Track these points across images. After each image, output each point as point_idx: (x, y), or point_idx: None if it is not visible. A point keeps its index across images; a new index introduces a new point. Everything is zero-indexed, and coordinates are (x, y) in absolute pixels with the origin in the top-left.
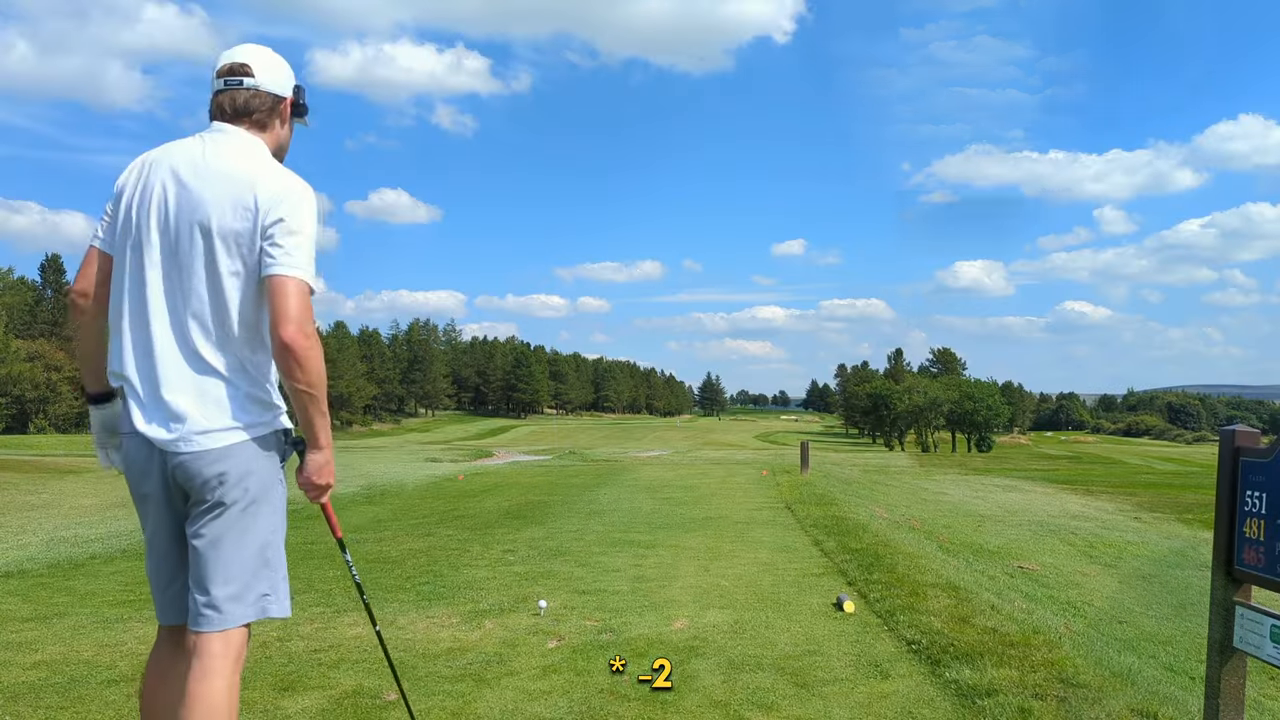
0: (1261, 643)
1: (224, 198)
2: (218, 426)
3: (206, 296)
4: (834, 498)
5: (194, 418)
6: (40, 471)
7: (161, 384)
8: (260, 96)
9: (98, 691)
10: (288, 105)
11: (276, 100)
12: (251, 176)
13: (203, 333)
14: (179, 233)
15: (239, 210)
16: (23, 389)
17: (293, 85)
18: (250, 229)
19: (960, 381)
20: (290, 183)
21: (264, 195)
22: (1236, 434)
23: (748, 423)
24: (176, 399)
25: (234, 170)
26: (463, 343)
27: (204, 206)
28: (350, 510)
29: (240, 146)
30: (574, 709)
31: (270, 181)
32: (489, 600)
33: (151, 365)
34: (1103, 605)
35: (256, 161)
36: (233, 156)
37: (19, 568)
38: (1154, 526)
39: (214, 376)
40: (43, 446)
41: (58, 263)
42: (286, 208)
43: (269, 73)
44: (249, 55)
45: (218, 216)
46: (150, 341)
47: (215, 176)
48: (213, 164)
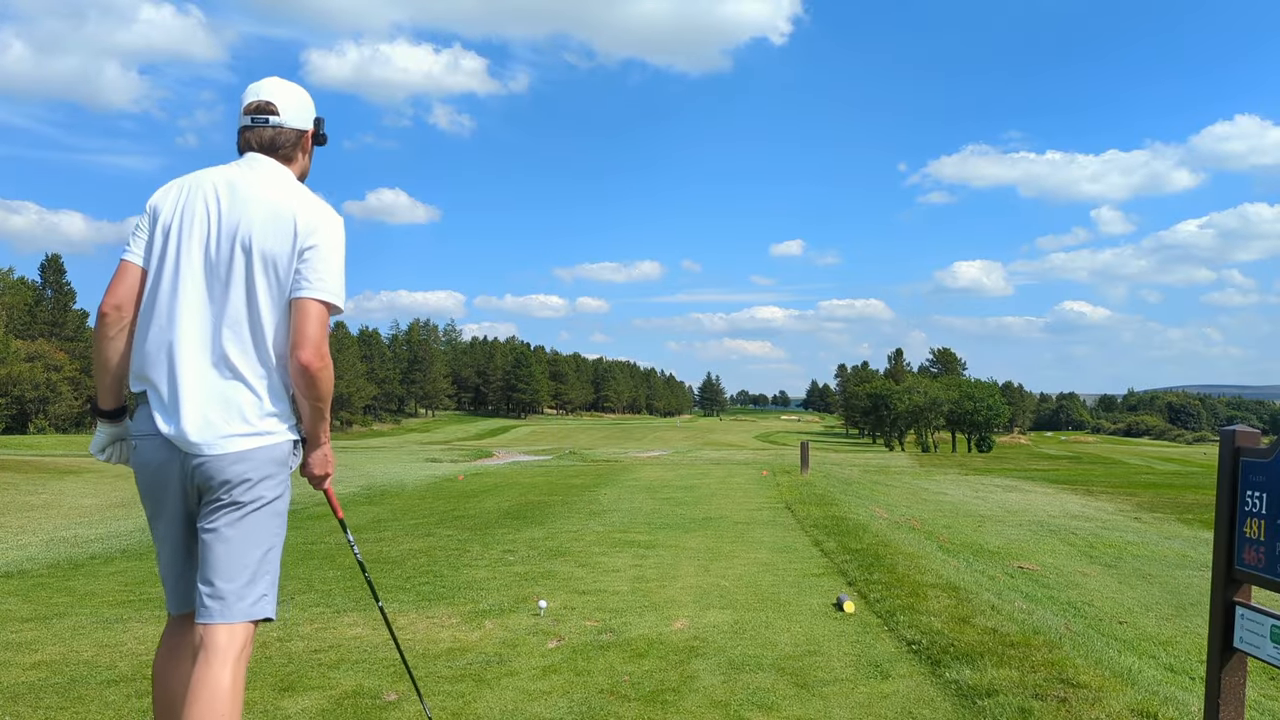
0: (1261, 643)
1: (265, 221)
2: (240, 432)
3: (243, 311)
4: (834, 498)
5: (218, 423)
6: (40, 471)
7: (189, 389)
8: (285, 133)
9: (98, 691)
10: (309, 137)
11: (300, 134)
12: (291, 204)
13: (235, 344)
14: (220, 250)
15: (279, 234)
16: (23, 389)
17: (313, 118)
18: (289, 252)
19: (960, 381)
20: (326, 213)
21: (302, 222)
22: (1237, 434)
23: (748, 423)
24: (203, 404)
25: (273, 198)
26: (463, 343)
27: (247, 228)
28: (350, 510)
29: (275, 176)
30: (574, 709)
31: (309, 210)
32: (489, 600)
33: (179, 372)
34: (1103, 605)
35: (293, 190)
36: (270, 185)
37: (19, 568)
38: (1154, 526)
39: (241, 385)
40: (43, 446)
41: (58, 263)
42: (321, 235)
43: (292, 110)
44: (273, 94)
45: (259, 238)
46: (180, 349)
47: (256, 202)
48: (254, 190)
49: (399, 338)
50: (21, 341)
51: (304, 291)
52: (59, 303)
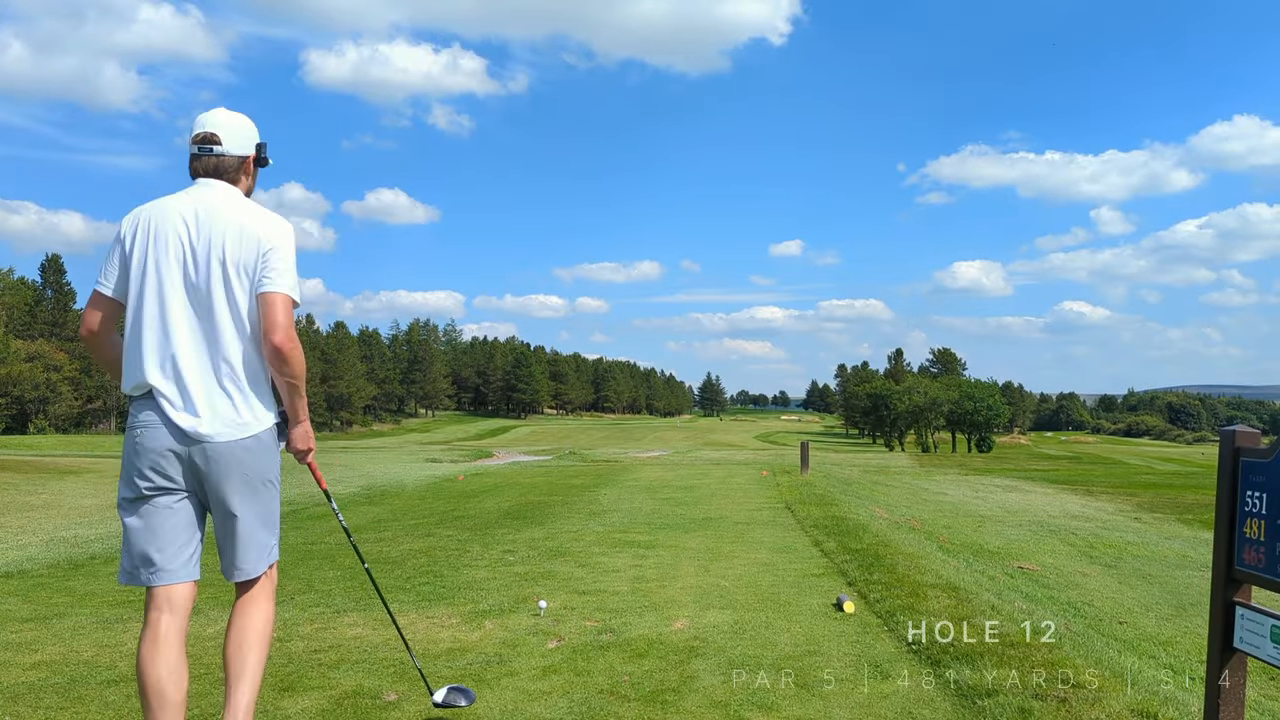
0: (1261, 643)
1: (234, 236)
2: (240, 421)
3: (226, 316)
4: (834, 498)
5: (224, 416)
6: (40, 471)
7: (196, 391)
8: (228, 160)
9: (98, 691)
10: (251, 161)
11: (242, 160)
12: (251, 219)
13: (223, 343)
14: (199, 267)
15: (246, 245)
16: (23, 389)
17: (254, 144)
18: (254, 258)
19: (960, 381)
20: (279, 222)
21: (263, 233)
22: (1237, 434)
23: (748, 423)
24: (203, 399)
25: (236, 216)
26: (463, 343)
27: (220, 243)
28: (350, 510)
29: (230, 197)
30: (574, 709)
31: (265, 222)
32: (489, 601)
33: (180, 374)
34: (1103, 605)
35: (248, 207)
36: (230, 206)
37: (19, 568)
38: (1154, 527)
39: (234, 382)
40: (43, 446)
41: (58, 263)
42: (277, 240)
43: (234, 139)
44: (217, 124)
45: (231, 250)
46: (177, 355)
47: (223, 221)
48: (219, 211)
49: (399, 338)
50: (21, 341)
51: (268, 286)
52: (59, 303)
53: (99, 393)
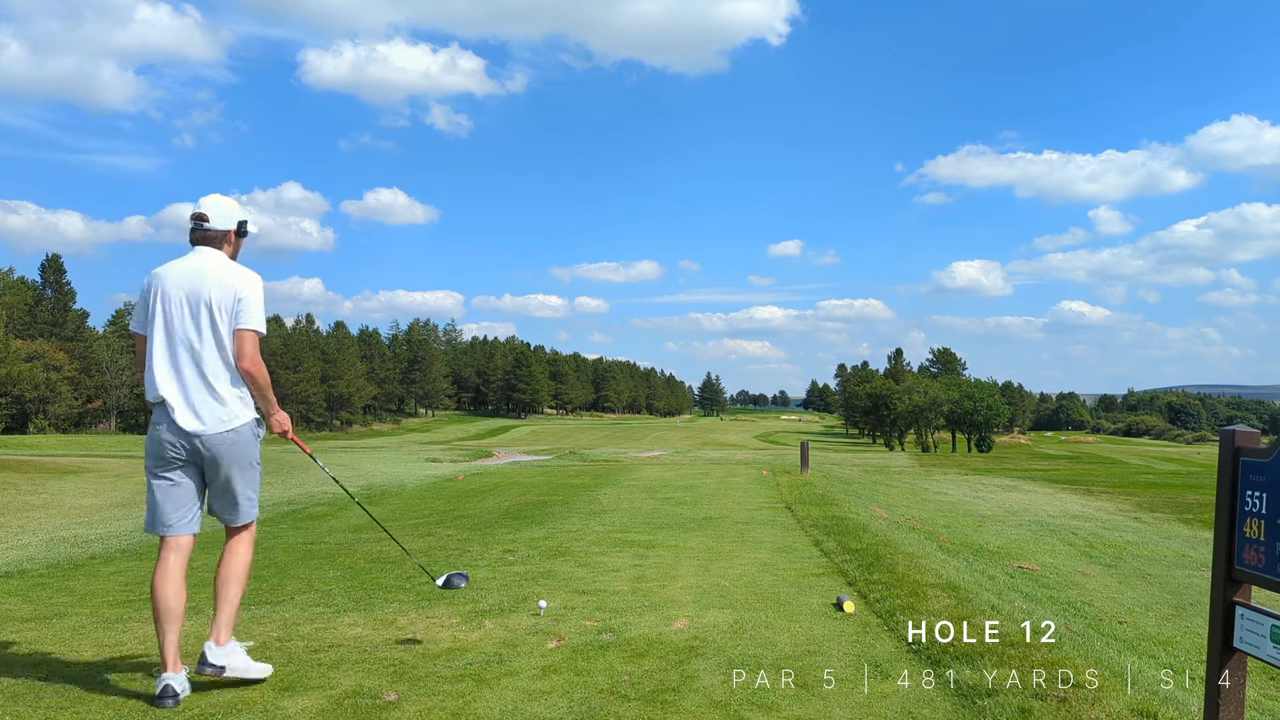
0: (1261, 643)
1: (215, 286)
2: (223, 418)
3: (213, 346)
4: (834, 498)
5: (214, 417)
6: (40, 471)
7: (189, 397)
8: (214, 234)
9: (98, 692)
10: (232, 233)
11: (225, 233)
12: (229, 275)
13: (210, 365)
14: (195, 308)
15: (224, 293)
16: (23, 389)
17: (236, 221)
18: (230, 303)
19: (960, 381)
20: (249, 275)
21: (236, 284)
22: (1237, 434)
23: (748, 423)
24: (198, 405)
25: (219, 273)
26: (463, 343)
27: (207, 294)
28: (350, 510)
29: (214, 259)
30: (574, 709)
31: (238, 277)
32: (489, 600)
33: (184, 387)
34: (1103, 605)
35: (228, 266)
36: (213, 265)
37: (19, 568)
38: (1154, 526)
39: (219, 391)
40: (43, 446)
41: (58, 263)
42: (246, 290)
43: (219, 219)
44: (207, 208)
45: (215, 298)
46: (181, 373)
47: (210, 277)
48: (204, 270)
49: (399, 338)
50: (21, 341)
51: (240, 324)
52: (59, 303)
53: (99, 393)
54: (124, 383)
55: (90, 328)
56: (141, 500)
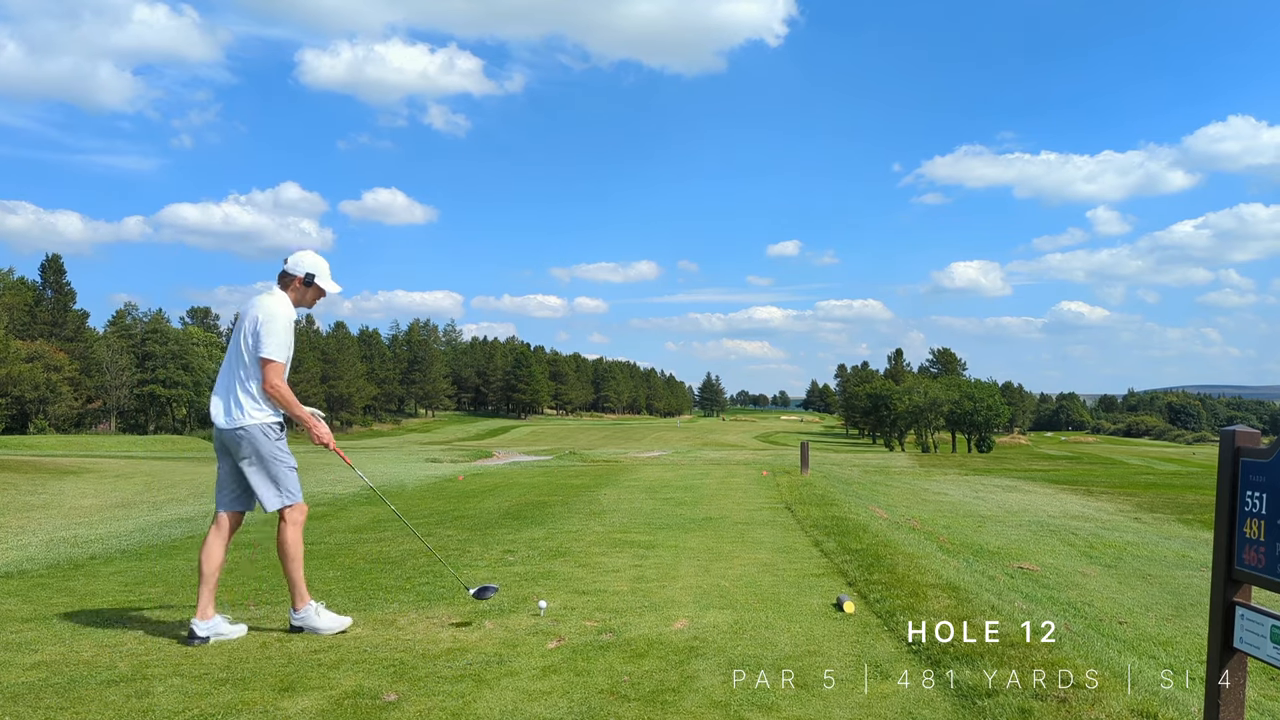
0: (1261, 643)
1: (254, 316)
2: (236, 418)
3: (243, 358)
4: (834, 498)
5: (227, 416)
6: (40, 471)
7: (224, 398)
8: (287, 276)
9: (98, 692)
10: (300, 280)
11: (293, 278)
12: (263, 306)
13: (240, 374)
14: (239, 329)
15: (251, 322)
16: (23, 389)
17: (305, 272)
18: (254, 328)
19: (960, 382)
20: (273, 310)
21: (260, 314)
22: (1237, 434)
23: (748, 423)
24: (225, 406)
25: (260, 302)
26: (463, 343)
27: (249, 319)
28: (350, 510)
29: (273, 294)
30: (574, 709)
31: (265, 308)
32: (489, 600)
33: (222, 390)
34: (1103, 605)
35: (268, 299)
36: (265, 298)
37: (19, 568)
38: (1154, 527)
39: (239, 396)
40: (43, 446)
41: (58, 263)
42: (264, 322)
43: (295, 267)
44: (292, 255)
45: (250, 324)
46: (225, 378)
47: (256, 306)
48: (259, 302)
49: (399, 338)
50: (21, 341)
51: (259, 352)
52: (59, 303)
53: (99, 393)
54: (124, 383)
55: (90, 328)
56: (142, 500)
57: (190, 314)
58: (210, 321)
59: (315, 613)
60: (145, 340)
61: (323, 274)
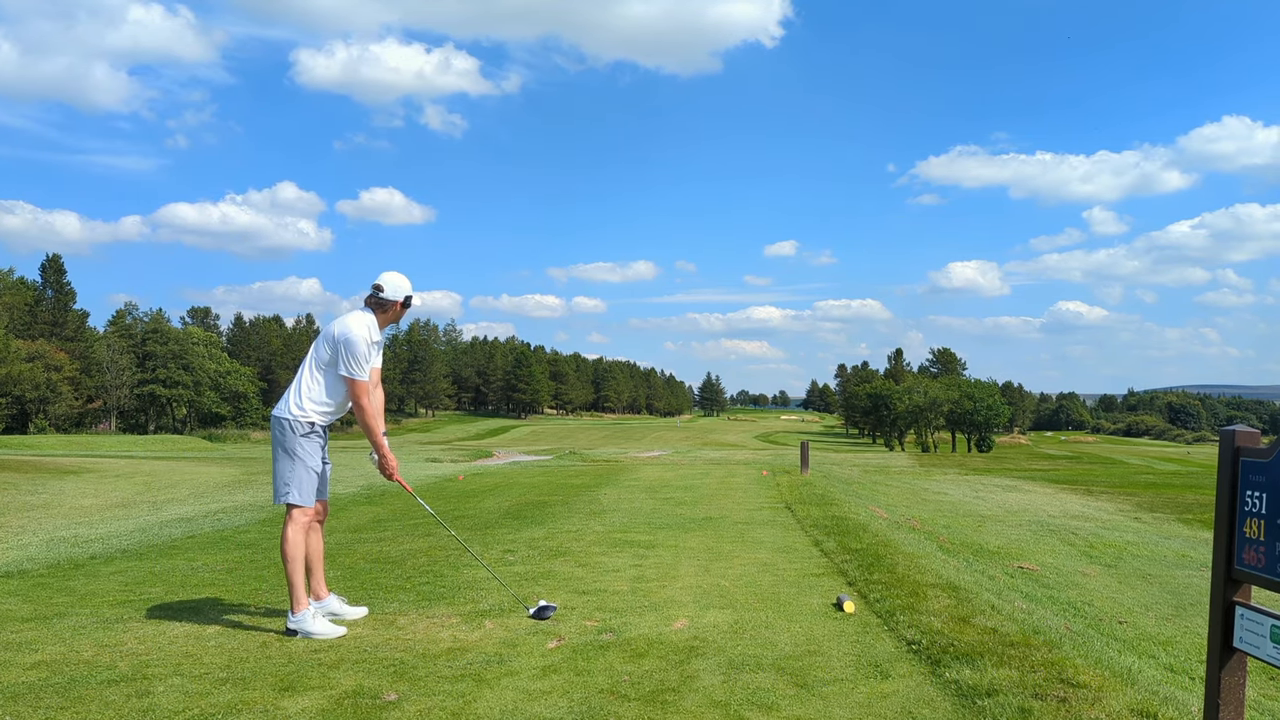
0: (1261, 643)
1: (333, 334)
2: (282, 410)
3: (311, 363)
4: (834, 498)
5: (279, 407)
6: (40, 471)
7: (285, 395)
8: (381, 299)
9: (98, 691)
10: (397, 305)
11: (389, 302)
12: (346, 324)
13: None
14: (319, 337)
15: (328, 335)
16: (23, 389)
17: (403, 296)
18: (333, 343)
19: (960, 381)
20: (352, 329)
21: (338, 332)
22: (1236, 434)
23: (748, 423)
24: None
25: (346, 320)
26: (463, 343)
27: (328, 332)
28: (350, 510)
29: (361, 315)
30: (574, 709)
31: (346, 326)
32: (489, 600)
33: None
34: (1103, 605)
35: (358, 320)
36: (351, 317)
37: (19, 568)
38: (1154, 526)
39: (292, 393)
40: (43, 446)
41: (58, 263)
42: (342, 339)
43: (388, 289)
44: (384, 278)
45: (327, 335)
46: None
47: (340, 321)
48: (343, 319)
49: (399, 338)
50: (21, 341)
51: (341, 371)
52: (59, 303)
53: (99, 393)
54: (124, 383)
55: (90, 328)
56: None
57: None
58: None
59: (311, 618)
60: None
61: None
